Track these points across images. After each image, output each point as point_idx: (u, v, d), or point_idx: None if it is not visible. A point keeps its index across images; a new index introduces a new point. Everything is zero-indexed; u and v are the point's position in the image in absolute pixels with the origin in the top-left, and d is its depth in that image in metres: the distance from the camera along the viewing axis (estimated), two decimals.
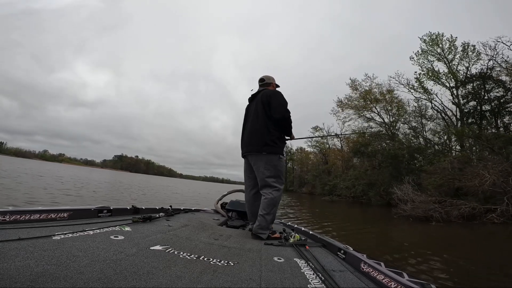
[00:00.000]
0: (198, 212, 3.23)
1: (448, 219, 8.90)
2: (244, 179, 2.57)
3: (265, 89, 2.55)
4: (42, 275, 0.80)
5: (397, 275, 1.19)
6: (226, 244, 1.72)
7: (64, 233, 1.31)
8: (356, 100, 25.69)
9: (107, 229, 1.55)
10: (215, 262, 1.26)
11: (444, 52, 19.94)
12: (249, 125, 2.48)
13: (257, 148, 2.33)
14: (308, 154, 54.47)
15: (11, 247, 1.00)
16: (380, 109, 24.52)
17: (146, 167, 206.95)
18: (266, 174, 2.28)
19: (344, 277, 1.29)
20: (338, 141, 41.93)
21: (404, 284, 1.08)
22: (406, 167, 16.44)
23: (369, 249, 3.96)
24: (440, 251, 4.69)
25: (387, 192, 15.24)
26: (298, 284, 1.10)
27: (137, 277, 0.92)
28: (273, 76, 2.73)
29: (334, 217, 10.40)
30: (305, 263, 1.46)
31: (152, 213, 2.34)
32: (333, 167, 40.02)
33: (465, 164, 10.69)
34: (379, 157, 19.58)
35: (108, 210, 2.08)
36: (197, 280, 0.98)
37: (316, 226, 7.20)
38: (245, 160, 2.54)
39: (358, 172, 21.47)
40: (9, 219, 1.41)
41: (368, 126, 25.29)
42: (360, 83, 25.61)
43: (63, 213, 1.72)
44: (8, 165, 21.36)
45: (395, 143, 19.02)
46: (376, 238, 6.36)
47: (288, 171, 60.30)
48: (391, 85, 23.12)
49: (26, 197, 6.12)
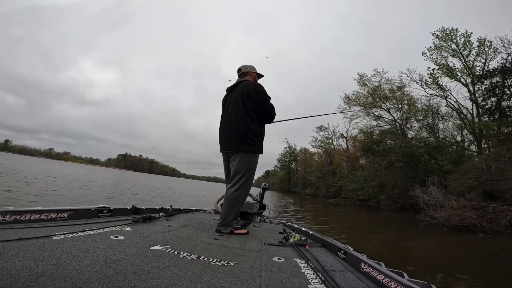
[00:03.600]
0: (198, 212, 3.19)
1: (496, 228, 7.19)
2: (225, 176, 2.52)
3: (244, 81, 2.45)
4: (42, 275, 0.80)
5: (397, 275, 1.18)
6: (226, 244, 1.72)
7: (64, 233, 1.30)
8: (364, 97, 24.34)
9: (107, 229, 1.55)
10: (215, 262, 1.26)
11: (459, 47, 18.80)
12: (227, 119, 2.41)
13: (234, 146, 2.31)
14: (312, 154, 53.58)
15: (11, 247, 1.00)
16: (390, 106, 23.07)
17: (149, 166, 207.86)
18: (237, 172, 2.28)
19: (344, 277, 1.29)
20: (344, 141, 40.55)
21: (404, 284, 1.06)
22: (424, 167, 14.70)
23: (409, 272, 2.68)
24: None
25: (402, 195, 13.64)
26: (298, 284, 1.10)
27: (137, 277, 0.92)
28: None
29: (344, 225, 8.93)
30: (305, 263, 1.45)
31: (152, 213, 2.32)
32: (338, 168, 38.79)
33: (498, 163, 9.07)
34: (391, 156, 17.76)
35: (108, 210, 2.06)
36: (197, 280, 0.98)
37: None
38: (223, 155, 2.50)
39: (367, 173, 19.56)
40: (9, 219, 1.41)
41: (376, 125, 23.88)
42: (369, 79, 24.03)
43: (63, 213, 1.70)
44: (15, 165, 20.42)
45: (411, 141, 17.26)
46: (413, 253, 4.91)
47: (292, 172, 59.39)
48: (402, 81, 21.81)
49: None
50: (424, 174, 13.13)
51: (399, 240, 6.30)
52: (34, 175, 12.54)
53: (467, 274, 3.48)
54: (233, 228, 2.19)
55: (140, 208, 2.40)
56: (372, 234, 6.96)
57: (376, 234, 7.02)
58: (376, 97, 23.20)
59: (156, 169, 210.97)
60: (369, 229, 8.07)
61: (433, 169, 13.68)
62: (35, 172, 14.84)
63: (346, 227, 8.17)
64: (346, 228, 7.75)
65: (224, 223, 2.18)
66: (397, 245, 5.70)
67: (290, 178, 59.66)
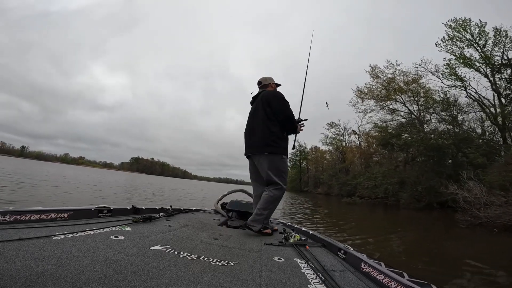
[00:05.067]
0: (198, 212, 3.20)
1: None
2: (251, 180, 2.58)
3: (264, 90, 2.59)
4: (43, 275, 0.80)
5: (398, 275, 1.16)
6: (226, 244, 1.71)
7: (64, 233, 1.30)
8: (378, 90, 23.14)
9: (107, 229, 1.54)
10: (215, 262, 1.25)
11: (474, 37, 17.76)
12: (250, 126, 2.55)
13: (259, 149, 2.39)
14: (323, 153, 52.44)
15: (11, 247, 0.99)
16: (406, 99, 21.82)
17: (161, 169, 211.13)
18: (270, 174, 2.32)
19: (344, 277, 1.27)
20: (356, 138, 39.19)
21: (404, 284, 1.05)
22: (452, 161, 13.42)
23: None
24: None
25: (427, 192, 12.50)
26: (298, 284, 1.09)
27: (137, 277, 0.91)
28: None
29: (370, 227, 8.07)
30: (305, 263, 1.44)
31: (152, 213, 2.31)
32: (351, 165, 37.54)
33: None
34: (412, 150, 16.48)
35: (108, 210, 2.05)
36: (197, 280, 0.97)
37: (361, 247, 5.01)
38: (249, 161, 2.57)
39: (386, 169, 18.18)
40: (10, 219, 1.40)
41: (391, 119, 22.62)
42: (382, 70, 22.78)
43: (63, 213, 1.69)
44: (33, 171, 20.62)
45: (434, 132, 15.99)
46: (460, 260, 4.05)
47: (302, 171, 58.51)
48: (418, 73, 20.57)
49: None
50: (452, 168, 11.93)
51: (441, 246, 5.42)
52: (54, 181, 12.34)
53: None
54: (261, 228, 2.22)
55: (140, 208, 2.40)
56: (409, 237, 6.09)
57: (411, 237, 6.15)
58: (391, 89, 22.05)
59: (167, 172, 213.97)
60: (402, 231, 7.16)
61: (461, 163, 12.46)
62: (52, 175, 14.75)
63: (373, 229, 7.34)
64: (374, 231, 6.92)
65: (256, 219, 2.20)
66: (444, 252, 4.84)
67: (301, 177, 58.68)
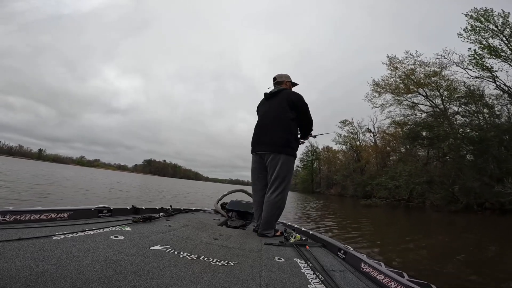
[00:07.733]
0: (198, 212, 3.18)
1: None
2: (253, 179, 2.50)
3: (286, 89, 2.54)
4: (42, 275, 0.80)
5: (397, 275, 1.16)
6: (226, 244, 1.70)
7: (64, 233, 1.29)
8: (396, 83, 21.49)
9: (107, 229, 1.54)
10: (215, 262, 1.24)
11: (498, 28, 16.47)
12: (265, 122, 2.47)
13: (277, 149, 2.31)
14: (336, 152, 50.50)
15: (11, 247, 0.99)
16: (428, 92, 20.09)
17: (173, 171, 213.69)
18: (279, 175, 2.28)
19: (344, 277, 1.27)
20: (371, 136, 37.30)
21: (404, 284, 1.06)
22: (497, 156, 11.69)
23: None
24: None
25: (466, 192, 10.93)
26: (298, 284, 1.09)
27: (137, 277, 0.91)
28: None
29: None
30: (305, 263, 1.43)
31: (152, 213, 2.30)
32: (366, 165, 35.76)
33: None
34: (445, 144, 14.78)
35: (108, 210, 2.05)
36: (197, 280, 0.97)
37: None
38: (256, 158, 2.47)
39: (412, 167, 16.31)
40: (9, 219, 1.40)
41: (412, 114, 20.93)
42: (401, 61, 21.04)
43: (63, 213, 1.69)
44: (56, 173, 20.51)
45: (473, 125, 14.22)
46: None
47: (314, 172, 56.81)
48: (441, 64, 18.86)
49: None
50: (498, 164, 10.36)
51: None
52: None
53: None
54: (274, 231, 2.23)
55: (140, 208, 2.39)
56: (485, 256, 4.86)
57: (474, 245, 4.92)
58: (411, 82, 20.39)
59: (179, 173, 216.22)
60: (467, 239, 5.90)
61: (507, 158, 10.82)
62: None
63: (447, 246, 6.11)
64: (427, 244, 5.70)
65: (267, 227, 2.20)
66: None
67: (313, 178, 57.00)
